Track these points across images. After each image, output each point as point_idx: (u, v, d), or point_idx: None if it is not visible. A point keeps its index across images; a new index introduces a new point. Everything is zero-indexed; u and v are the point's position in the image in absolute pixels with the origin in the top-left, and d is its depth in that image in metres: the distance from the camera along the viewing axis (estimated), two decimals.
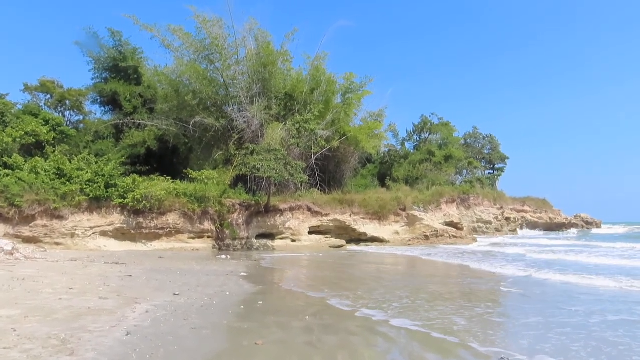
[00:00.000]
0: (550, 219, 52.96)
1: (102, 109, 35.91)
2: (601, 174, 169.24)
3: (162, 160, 32.43)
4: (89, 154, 25.62)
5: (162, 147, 32.04)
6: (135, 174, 24.32)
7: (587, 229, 54.34)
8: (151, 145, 31.00)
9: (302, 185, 29.48)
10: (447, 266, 16.76)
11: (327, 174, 33.76)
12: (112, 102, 34.37)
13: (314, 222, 28.09)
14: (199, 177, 25.59)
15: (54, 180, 22.02)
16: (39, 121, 26.83)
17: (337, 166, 35.62)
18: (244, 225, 25.74)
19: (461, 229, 32.78)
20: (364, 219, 29.69)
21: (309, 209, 27.92)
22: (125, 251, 21.06)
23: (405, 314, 7.84)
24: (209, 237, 24.55)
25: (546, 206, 54.17)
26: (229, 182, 27.26)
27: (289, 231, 27.07)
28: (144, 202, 22.37)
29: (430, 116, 48.96)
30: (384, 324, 7.10)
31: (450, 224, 33.02)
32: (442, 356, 5.57)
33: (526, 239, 34.87)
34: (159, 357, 5.12)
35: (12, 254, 15.09)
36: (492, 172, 56.97)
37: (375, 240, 29.51)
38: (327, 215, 28.49)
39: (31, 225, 20.69)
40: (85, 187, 21.98)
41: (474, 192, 42.39)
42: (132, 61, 33.55)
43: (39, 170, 22.35)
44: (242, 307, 8.42)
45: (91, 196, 21.90)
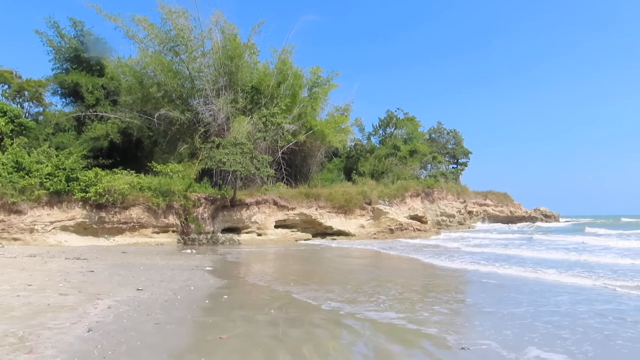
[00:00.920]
0: (511, 212, 54.57)
1: (63, 100, 34.92)
2: (561, 170, 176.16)
3: (126, 153, 31.79)
4: (49, 147, 24.85)
5: (125, 140, 31.40)
6: (97, 168, 23.87)
7: (547, 221, 56.17)
8: (114, 138, 30.33)
9: (268, 179, 29.46)
10: (408, 261, 17.05)
11: (293, 168, 33.80)
12: (73, 93, 33.40)
13: (280, 216, 28.12)
14: (164, 171, 25.20)
15: (12, 173, 21.33)
16: None
17: (304, 160, 35.67)
18: (209, 219, 25.54)
19: (425, 223, 33.40)
20: (330, 212, 29.89)
21: (275, 203, 27.92)
22: (87, 246, 20.61)
23: (370, 306, 7.97)
24: (173, 231, 24.24)
25: (507, 200, 55.78)
26: (195, 176, 26.99)
27: (255, 225, 27.03)
28: (107, 196, 21.91)
29: (396, 111, 49.64)
30: (350, 316, 7.20)
31: (414, 218, 33.62)
32: (406, 347, 5.71)
33: (482, 233, 35.08)
34: (122, 353, 5.08)
35: None
36: (455, 166, 58.26)
37: (341, 233, 29.78)
38: (293, 209, 28.55)
39: None
40: (45, 180, 21.40)
41: (438, 186, 43.23)
42: (95, 52, 32.62)
43: None
44: (207, 301, 8.41)
45: (51, 190, 21.32)
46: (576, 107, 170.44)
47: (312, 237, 29.35)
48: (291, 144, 32.02)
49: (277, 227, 28.09)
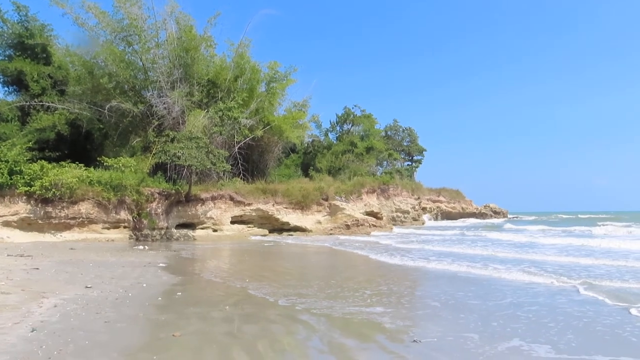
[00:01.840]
0: (462, 208, 56.27)
1: (6, 89, 33.01)
2: (514, 168, 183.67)
3: (74, 146, 30.50)
4: None
5: (74, 132, 30.12)
6: (43, 160, 22.72)
7: (496, 217, 58.23)
8: (62, 129, 28.99)
9: (224, 174, 29.05)
10: (360, 257, 17.20)
11: (250, 163, 33.53)
12: (17, 82, 31.68)
13: (237, 211, 27.83)
14: (115, 165, 24.38)
15: None
16: None
17: (261, 156, 35.46)
18: (163, 214, 24.96)
19: (381, 219, 33.87)
20: (287, 208, 29.83)
21: (232, 199, 27.61)
22: (31, 242, 19.70)
23: (325, 301, 8.00)
24: (125, 227, 23.53)
25: (459, 197, 57.45)
26: (148, 170, 26.27)
27: (211, 221, 26.65)
28: (53, 190, 21.00)
29: (353, 108, 50.12)
30: (305, 312, 7.20)
31: (370, 214, 34.03)
32: (360, 341, 5.76)
33: (429, 230, 35.51)
34: (68, 353, 4.87)
35: None
36: (410, 163, 59.40)
37: (298, 229, 29.78)
38: (250, 204, 28.32)
39: None
40: None
41: (393, 182, 43.93)
42: (40, 38, 31.04)
43: None
44: (160, 298, 8.20)
45: None
46: (528, 107, 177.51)
47: (269, 232, 29.24)
48: (248, 139, 31.71)
49: (233, 222, 27.79)
